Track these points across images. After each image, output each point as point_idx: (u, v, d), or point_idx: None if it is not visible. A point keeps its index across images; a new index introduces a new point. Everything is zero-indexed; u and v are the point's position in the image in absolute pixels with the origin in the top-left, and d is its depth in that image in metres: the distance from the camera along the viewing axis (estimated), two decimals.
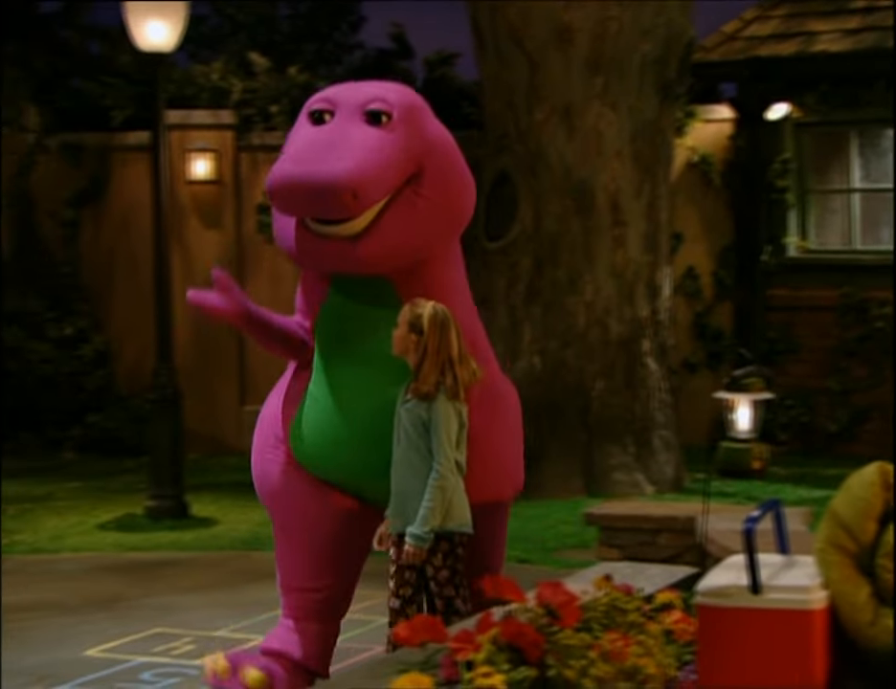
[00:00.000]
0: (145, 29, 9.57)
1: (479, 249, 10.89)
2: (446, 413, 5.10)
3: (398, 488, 5.24)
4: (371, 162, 5.19)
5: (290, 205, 5.27)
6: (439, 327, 5.13)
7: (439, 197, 5.40)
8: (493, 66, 10.76)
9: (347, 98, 5.43)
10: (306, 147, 5.28)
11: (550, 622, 3.67)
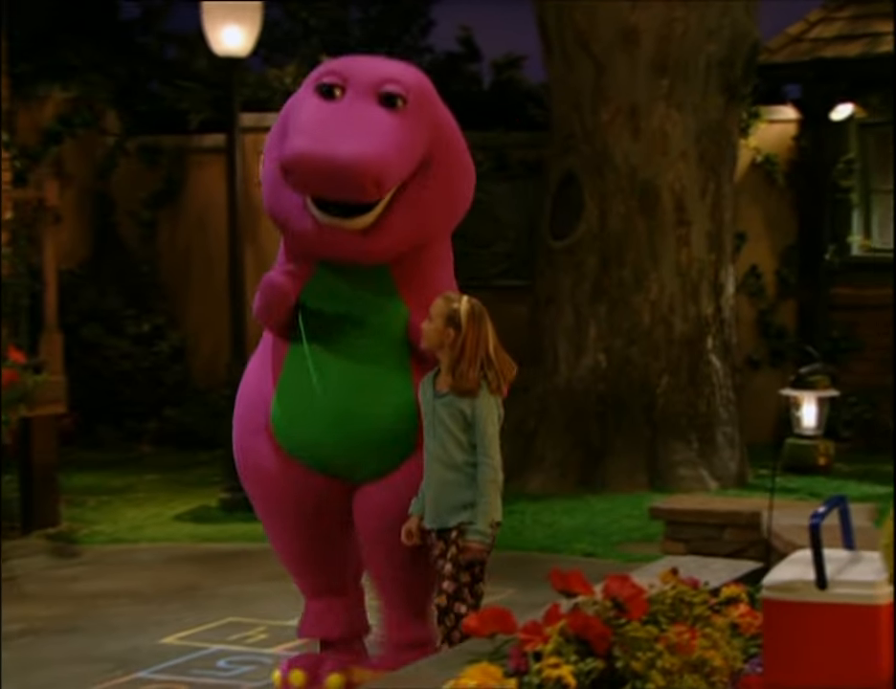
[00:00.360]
0: (220, 34, 9.62)
1: (544, 248, 10.88)
2: (490, 408, 4.92)
3: (434, 481, 5.01)
4: (392, 149, 4.90)
5: (307, 182, 4.90)
6: (477, 321, 4.94)
7: (445, 186, 5.14)
8: (560, 68, 10.73)
9: (360, 74, 5.06)
10: (323, 124, 4.93)
11: (618, 615, 3.65)
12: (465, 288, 13.52)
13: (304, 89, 5.15)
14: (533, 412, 10.67)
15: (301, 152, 4.82)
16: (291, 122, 5.02)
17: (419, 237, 5.12)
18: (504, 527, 8.93)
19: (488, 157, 12.21)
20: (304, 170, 4.83)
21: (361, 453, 5.20)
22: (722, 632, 3.56)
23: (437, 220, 5.19)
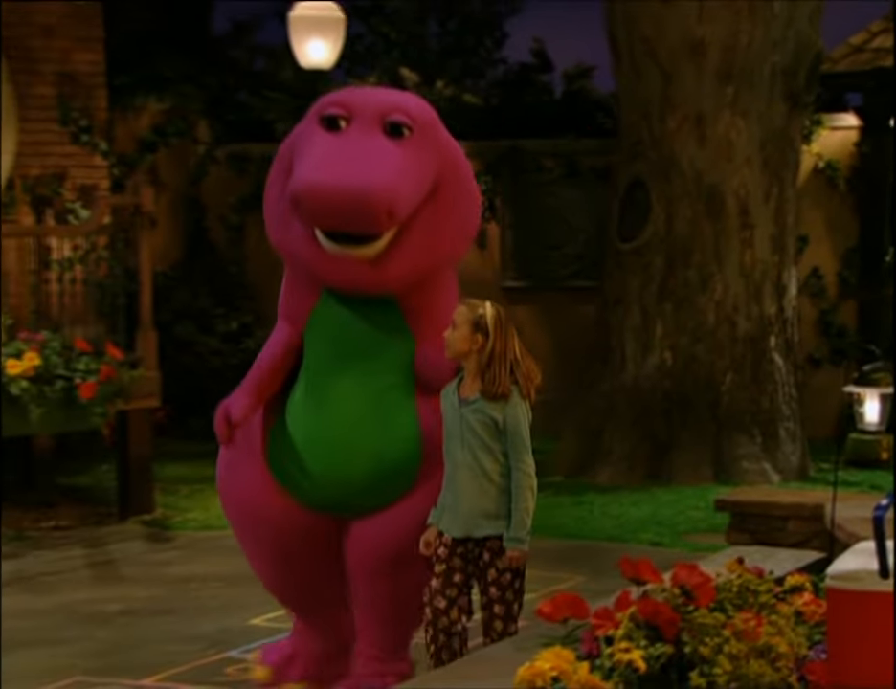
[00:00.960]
0: (306, 47, 9.69)
1: (613, 250, 10.85)
2: (522, 413, 4.65)
3: (462, 489, 4.69)
4: (403, 179, 4.66)
5: (318, 213, 4.63)
6: (504, 326, 4.66)
7: (454, 213, 4.86)
8: (628, 78, 10.69)
9: (364, 105, 4.82)
10: (331, 155, 4.67)
11: (686, 602, 3.63)
12: (537, 289, 13.53)
13: (308, 122, 4.88)
14: (601, 408, 10.64)
15: (312, 183, 4.60)
16: (298, 155, 4.77)
17: (428, 265, 4.84)
18: (573, 518, 9.06)
19: (559, 163, 12.20)
20: (316, 202, 4.60)
21: (360, 488, 4.89)
22: (787, 619, 3.53)
23: (446, 248, 4.89)
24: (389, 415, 4.88)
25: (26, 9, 11.08)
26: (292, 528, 4.97)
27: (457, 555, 4.70)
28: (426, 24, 16.35)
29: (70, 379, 8.38)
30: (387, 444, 4.86)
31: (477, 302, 4.70)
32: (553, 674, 3.33)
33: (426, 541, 4.76)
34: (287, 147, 4.92)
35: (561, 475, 10.41)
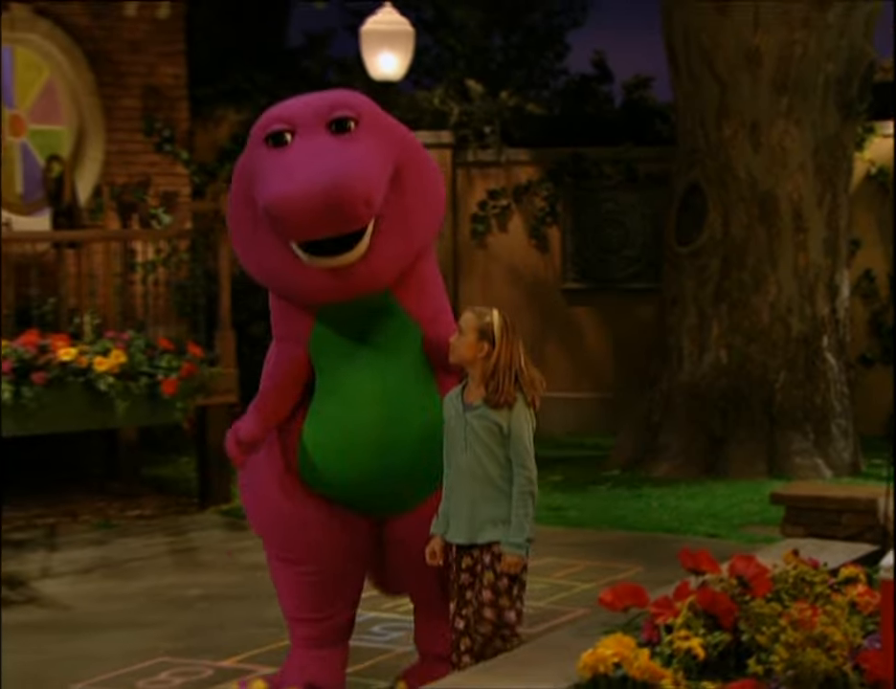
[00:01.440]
0: (377, 60, 9.72)
1: (670, 253, 10.80)
2: (526, 420, 4.49)
3: (466, 496, 4.51)
4: (367, 166, 4.41)
5: (299, 224, 4.33)
6: (510, 334, 4.49)
7: (422, 194, 4.63)
8: (686, 87, 10.65)
9: (303, 112, 4.54)
10: (290, 167, 4.38)
11: (743, 592, 3.62)
12: (596, 290, 13.47)
13: (253, 145, 4.60)
14: (659, 405, 10.60)
15: (283, 195, 4.30)
16: (255, 181, 4.49)
17: (411, 250, 4.63)
18: (631, 510, 9.02)
19: (618, 170, 12.16)
20: (293, 211, 4.30)
21: (403, 483, 4.74)
22: (841, 609, 3.51)
23: (423, 228, 4.67)
24: (415, 408, 4.71)
25: (114, 25, 11.21)
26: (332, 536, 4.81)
27: (464, 571, 4.53)
28: (491, 37, 16.34)
29: (153, 375, 8.46)
30: (419, 436, 4.71)
31: (484, 310, 4.55)
32: (615, 660, 3.33)
33: (431, 551, 4.59)
34: (240, 177, 4.67)
35: (619, 468, 10.39)
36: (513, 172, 12.34)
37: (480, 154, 12.34)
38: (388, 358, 4.69)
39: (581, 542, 8.21)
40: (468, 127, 12.35)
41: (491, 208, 12.38)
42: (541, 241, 12.38)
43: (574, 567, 7.53)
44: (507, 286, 12.45)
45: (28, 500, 9.24)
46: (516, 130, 12.33)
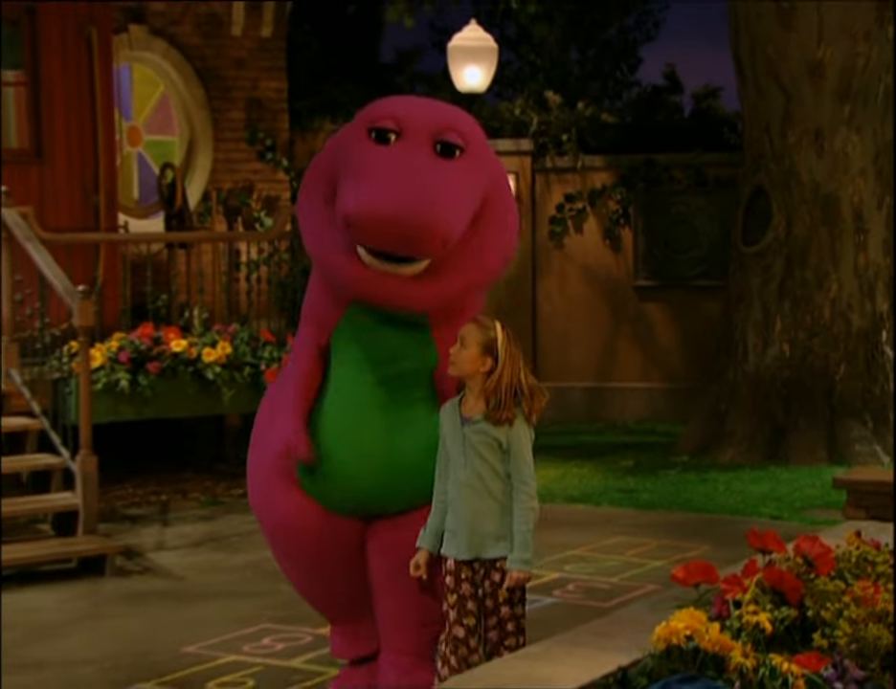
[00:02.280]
0: (463, 73, 9.72)
1: (736, 253, 10.72)
2: (526, 435, 4.13)
3: (467, 511, 4.15)
4: (459, 206, 4.08)
5: (374, 236, 4.03)
6: (513, 349, 4.11)
7: (498, 234, 4.28)
8: (752, 97, 10.55)
9: (415, 120, 4.18)
10: (387, 175, 4.06)
11: (808, 570, 3.57)
12: (666, 287, 13.40)
13: (354, 132, 4.24)
14: (725, 395, 10.52)
15: (369, 206, 3.98)
16: (345, 167, 4.16)
17: (466, 286, 4.28)
18: (699, 493, 8.95)
19: (688, 175, 12.07)
20: (373, 225, 4.00)
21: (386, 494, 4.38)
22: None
23: (486, 269, 4.30)
24: (415, 427, 4.35)
25: (221, 44, 11.34)
26: (326, 537, 4.45)
27: (464, 580, 4.17)
28: (568, 52, 16.28)
29: (256, 365, 8.54)
30: (412, 454, 4.34)
31: (487, 322, 4.13)
32: (687, 632, 3.30)
33: (415, 563, 4.25)
34: (330, 155, 4.31)
35: (688, 454, 10.33)
36: (589, 177, 12.29)
37: (557, 161, 12.30)
38: (402, 376, 4.32)
39: (652, 522, 8.17)
40: (547, 136, 12.32)
41: (568, 210, 12.34)
42: (614, 241, 12.32)
43: (646, 546, 7.49)
44: (582, 284, 12.41)
45: (144, 480, 9.38)
46: (591, 138, 12.28)
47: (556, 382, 12.38)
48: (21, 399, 7.87)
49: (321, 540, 4.44)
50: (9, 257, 7.91)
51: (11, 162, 9.32)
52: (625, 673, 3.34)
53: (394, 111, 4.22)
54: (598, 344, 12.35)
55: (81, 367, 7.33)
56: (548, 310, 12.45)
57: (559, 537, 7.74)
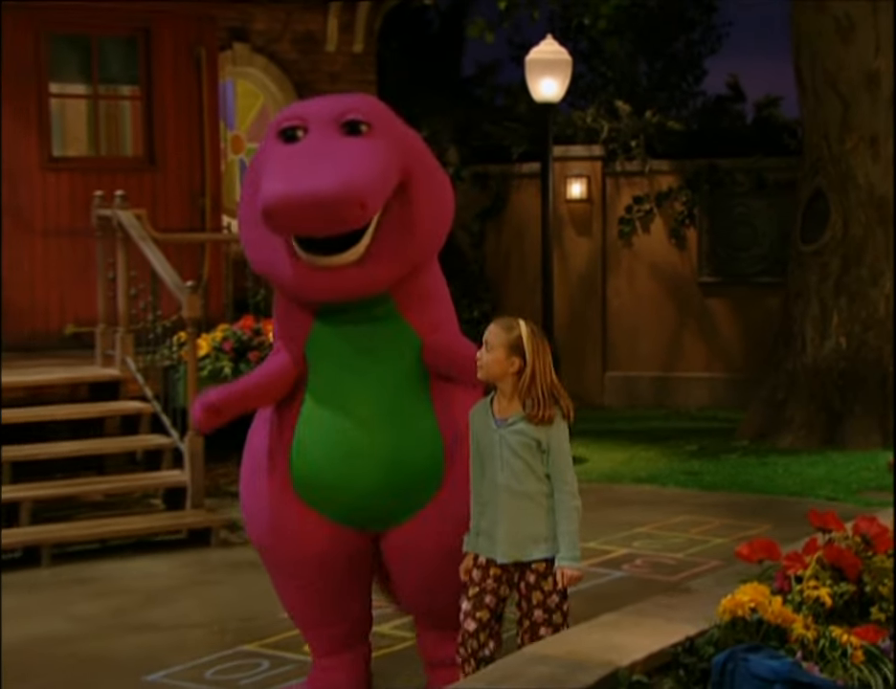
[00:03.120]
0: (539, 85, 9.67)
1: (795, 251, 10.60)
2: (565, 435, 3.82)
3: (506, 513, 3.81)
4: (368, 170, 3.82)
5: (292, 222, 3.80)
6: (541, 346, 3.79)
7: (427, 203, 4.02)
8: (812, 105, 10.41)
9: (319, 112, 4.02)
10: (293, 163, 3.86)
11: (866, 548, 3.53)
12: (729, 284, 13.26)
13: (267, 140, 4.07)
14: (784, 384, 10.40)
15: (280, 194, 3.76)
16: (262, 174, 3.95)
17: (412, 258, 4.02)
18: (759, 476, 8.86)
19: (750, 178, 11.93)
20: (287, 210, 3.76)
21: (385, 496, 4.07)
22: None
23: (426, 237, 4.05)
24: (406, 418, 4.06)
25: (317, 59, 11.44)
26: (326, 549, 4.13)
27: (490, 577, 3.87)
28: (637, 64, 16.18)
29: None
30: (407, 448, 4.05)
31: (511, 322, 3.82)
32: (751, 605, 3.28)
33: (465, 568, 3.92)
34: (253, 170, 4.11)
35: (748, 439, 10.23)
36: (656, 181, 12.19)
37: (626, 165, 12.23)
38: (384, 369, 4.05)
39: (714, 502, 8.10)
40: (617, 142, 12.25)
41: (636, 212, 12.26)
42: (680, 241, 12.21)
43: (709, 525, 7.43)
44: (649, 280, 12.32)
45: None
46: (658, 144, 12.19)
47: (625, 371, 12.32)
48: (136, 385, 7.99)
49: (321, 550, 4.12)
50: (125, 256, 8.03)
51: (127, 169, 9.49)
52: (693, 642, 3.33)
53: (298, 110, 4.11)
54: (664, 337, 12.26)
55: (189, 356, 7.43)
56: (617, 305, 12.38)
57: (627, 515, 7.71)
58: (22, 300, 9.15)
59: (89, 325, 8.78)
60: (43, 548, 6.76)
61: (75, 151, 9.58)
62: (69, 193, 9.29)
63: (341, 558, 4.17)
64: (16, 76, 9.08)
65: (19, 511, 6.99)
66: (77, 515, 7.41)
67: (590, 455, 9.86)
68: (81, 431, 7.85)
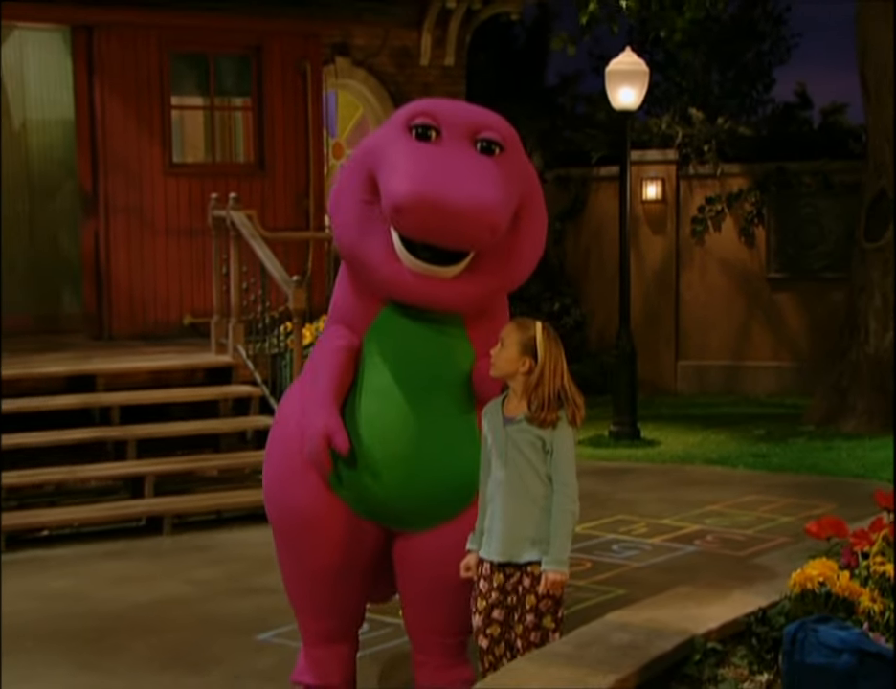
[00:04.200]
0: (618, 93, 9.58)
1: (859, 249, 10.38)
2: (569, 438, 3.55)
3: (504, 512, 3.54)
4: (503, 196, 3.53)
5: (421, 225, 3.47)
6: (553, 348, 3.55)
7: (531, 234, 3.74)
8: (876, 111, 10.17)
9: (453, 118, 3.64)
10: (430, 166, 3.51)
11: None
12: (796, 279, 13.05)
13: (393, 128, 3.69)
14: (848, 373, 10.20)
15: (419, 194, 3.42)
16: (384, 162, 3.59)
17: (506, 283, 3.76)
18: (824, 459, 8.71)
19: (816, 180, 11.72)
20: (422, 212, 3.43)
21: (422, 503, 3.79)
22: None
23: (524, 265, 3.77)
24: (451, 429, 3.77)
25: (412, 72, 11.49)
26: (348, 539, 3.85)
27: (495, 589, 3.58)
28: (710, 74, 15.98)
29: None
30: (449, 459, 3.76)
31: (527, 322, 3.59)
32: (820, 579, 3.23)
33: (466, 565, 3.67)
34: (367, 152, 3.70)
35: (814, 424, 10.06)
36: (727, 183, 12.03)
37: (699, 168, 12.07)
38: (438, 377, 3.75)
39: (782, 483, 7.98)
40: (690, 147, 12.11)
41: (708, 212, 12.11)
42: (749, 239, 12.04)
43: (776, 504, 7.33)
44: (720, 276, 12.16)
45: None
46: (729, 148, 12.02)
47: (696, 360, 12.19)
48: (246, 370, 8.09)
49: (341, 538, 3.84)
50: (237, 252, 8.13)
51: (239, 173, 9.62)
52: (765, 612, 3.29)
53: (433, 110, 3.68)
54: (734, 328, 12.10)
55: (295, 344, 7.50)
56: (689, 298, 12.24)
57: (699, 494, 7.64)
58: (146, 293, 9.33)
59: (205, 316, 8.93)
60: (165, 518, 6.90)
61: (193, 158, 9.74)
62: (187, 196, 9.44)
63: (361, 550, 3.90)
64: (142, 90, 9.25)
65: (144, 484, 7.14)
66: (194, 488, 7.53)
67: (664, 438, 9.78)
68: (198, 412, 7.98)
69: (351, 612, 4.01)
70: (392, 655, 4.77)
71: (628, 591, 5.43)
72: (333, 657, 4.00)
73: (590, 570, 5.98)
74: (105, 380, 7.77)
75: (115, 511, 6.96)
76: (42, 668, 4.82)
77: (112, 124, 9.18)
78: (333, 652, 4.00)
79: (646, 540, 6.57)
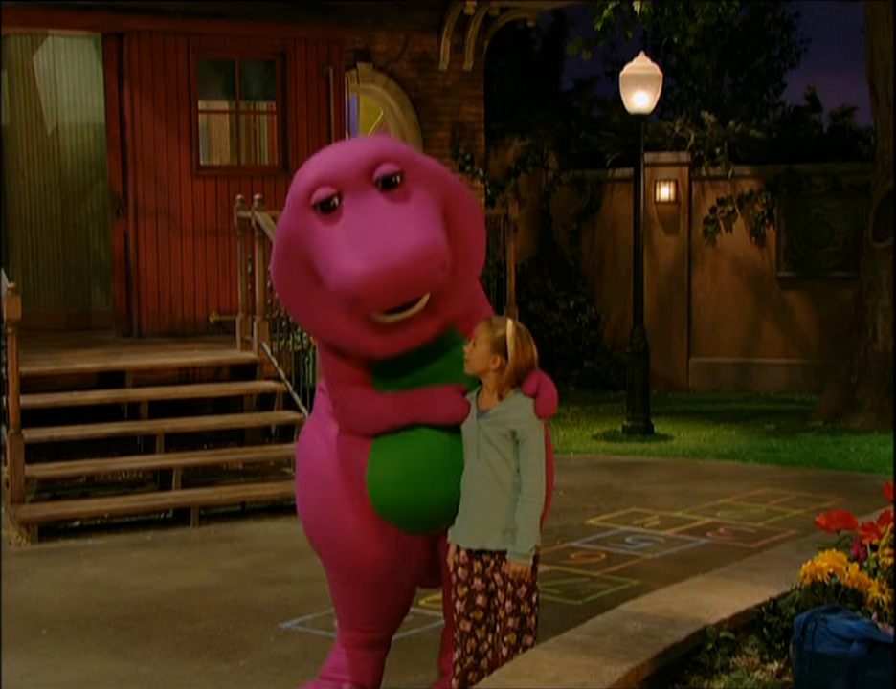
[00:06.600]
0: (632, 97, 9.56)
1: (868, 248, 10.31)
2: (537, 430, 3.55)
3: (478, 502, 3.56)
4: (430, 227, 3.38)
5: (377, 301, 3.36)
6: (522, 346, 3.55)
7: (467, 225, 3.58)
8: (884, 114, 10.11)
9: (348, 172, 3.43)
10: (355, 240, 3.33)
11: None
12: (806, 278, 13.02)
13: (298, 211, 3.47)
14: (856, 369, 10.14)
15: (361, 274, 3.27)
16: (317, 254, 3.42)
17: (470, 288, 3.66)
18: (833, 454, 8.67)
19: (826, 182, 11.66)
20: (373, 291, 3.30)
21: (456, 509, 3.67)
22: None
23: (475, 257, 3.64)
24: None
25: (431, 77, 11.49)
26: (398, 556, 3.78)
27: (477, 576, 3.60)
28: (722, 78, 15.93)
29: None
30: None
31: (499, 321, 3.58)
32: (830, 570, 3.22)
33: (450, 557, 3.67)
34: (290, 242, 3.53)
35: (823, 420, 10.01)
36: (738, 184, 11.98)
37: (711, 170, 12.03)
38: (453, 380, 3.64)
39: (792, 477, 7.96)
40: (702, 149, 12.07)
41: (720, 212, 12.07)
42: (760, 239, 11.99)
43: (787, 497, 7.31)
44: (732, 275, 12.12)
45: None
46: (741, 151, 11.98)
47: (708, 357, 12.16)
48: (271, 367, 8.12)
49: (392, 558, 3.76)
50: (262, 252, 8.16)
51: (264, 175, 9.64)
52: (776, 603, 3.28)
53: (324, 174, 3.45)
54: (745, 326, 12.06)
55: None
56: (701, 297, 12.21)
57: (711, 487, 7.62)
58: (174, 292, 9.38)
59: (230, 314, 8.97)
60: (192, 510, 6.93)
61: (219, 160, 9.77)
62: (214, 198, 9.48)
63: (408, 563, 3.82)
64: (171, 95, 9.29)
65: (171, 477, 7.17)
66: (220, 481, 7.57)
67: (676, 432, 9.76)
68: (224, 407, 8.01)
69: (400, 620, 4.01)
70: (412, 643, 4.78)
71: (642, 582, 5.43)
72: (372, 659, 4.00)
73: (604, 561, 5.98)
74: (134, 376, 7.81)
75: (144, 503, 6.99)
76: (74, 654, 4.85)
77: (141, 128, 9.23)
78: (374, 654, 4.00)
79: (659, 532, 6.56)
